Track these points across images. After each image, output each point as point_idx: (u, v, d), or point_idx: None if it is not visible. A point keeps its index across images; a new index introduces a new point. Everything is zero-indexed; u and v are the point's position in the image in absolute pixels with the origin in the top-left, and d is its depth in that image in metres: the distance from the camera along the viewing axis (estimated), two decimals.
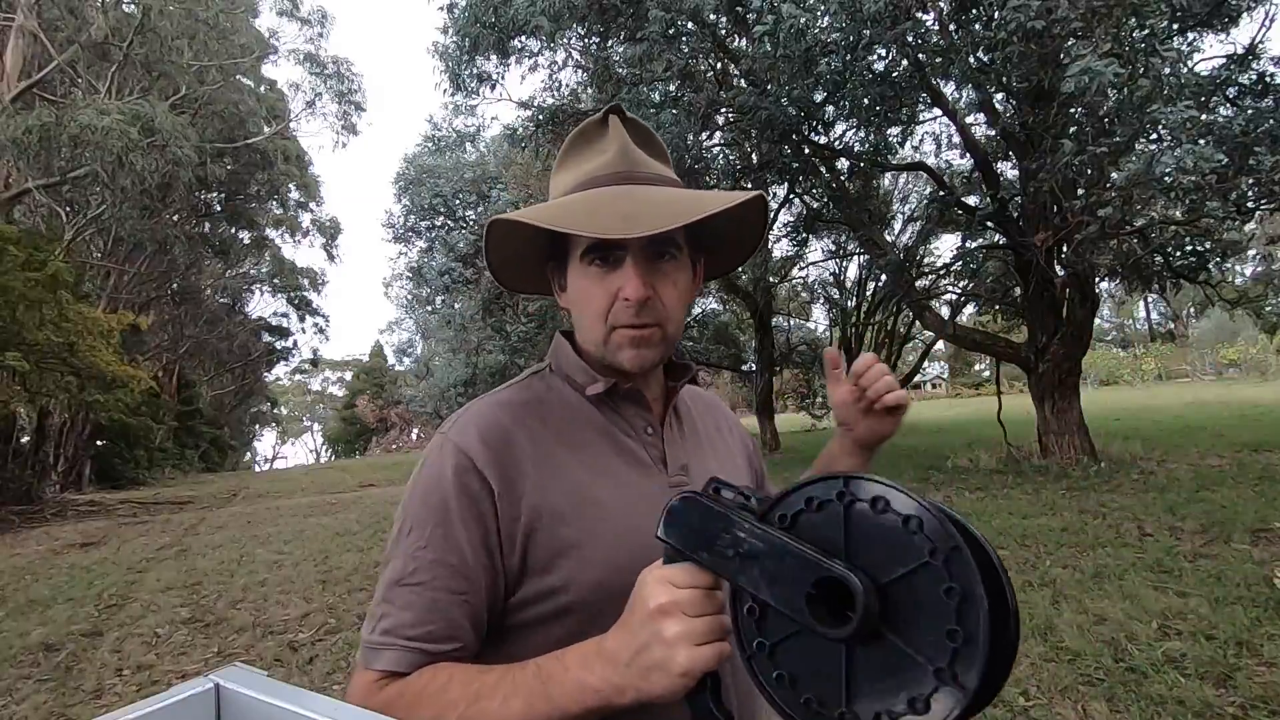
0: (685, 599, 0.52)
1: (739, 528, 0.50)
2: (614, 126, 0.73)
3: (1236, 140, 5.13)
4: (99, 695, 3.31)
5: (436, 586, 0.64)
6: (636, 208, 0.64)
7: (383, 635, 0.64)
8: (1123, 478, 6.67)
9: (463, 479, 0.66)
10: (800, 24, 5.97)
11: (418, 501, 0.67)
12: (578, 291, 0.72)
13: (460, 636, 0.65)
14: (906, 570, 0.43)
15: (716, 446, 0.85)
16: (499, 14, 8.39)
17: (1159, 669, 2.56)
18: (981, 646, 0.39)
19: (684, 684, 0.51)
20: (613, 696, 0.55)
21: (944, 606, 0.41)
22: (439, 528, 0.65)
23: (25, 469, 14.10)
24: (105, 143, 11.51)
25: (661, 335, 0.71)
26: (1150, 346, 40.95)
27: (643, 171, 0.71)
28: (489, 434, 0.68)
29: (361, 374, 51.40)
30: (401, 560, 0.66)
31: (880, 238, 9.69)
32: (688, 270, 0.74)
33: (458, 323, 17.20)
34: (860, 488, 0.46)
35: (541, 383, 0.77)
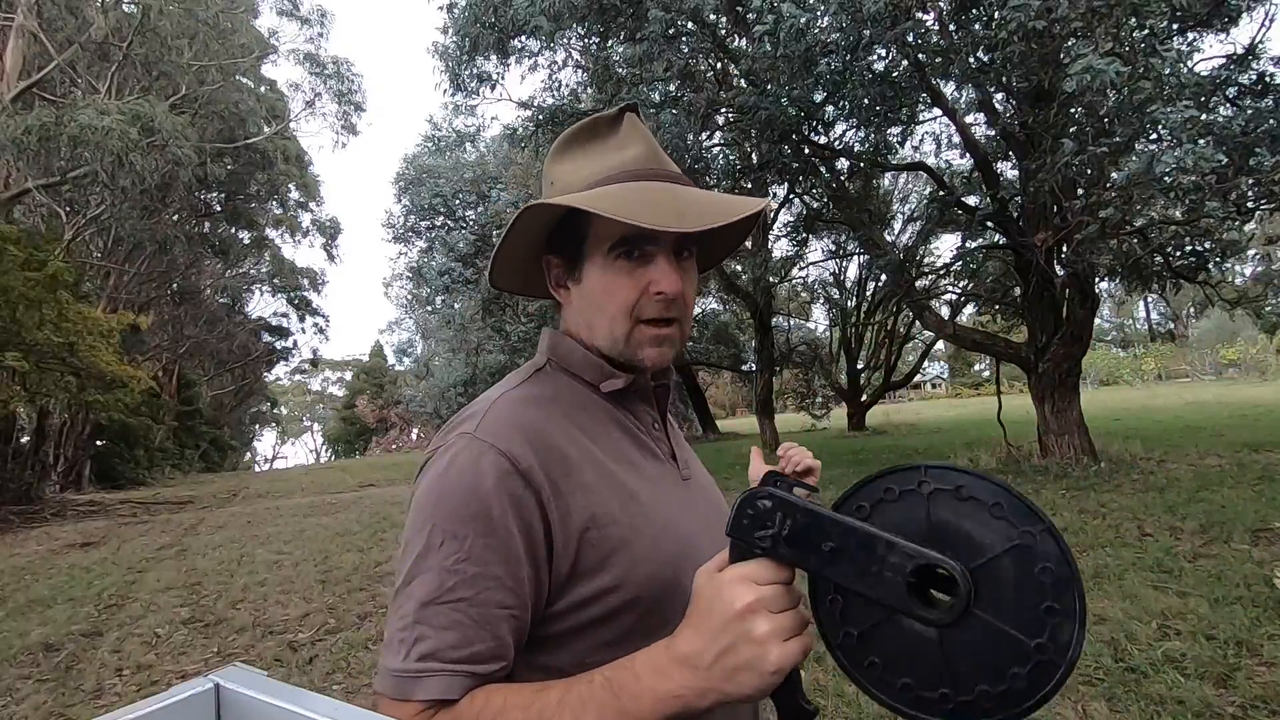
0: (769, 595, 0.51)
1: (824, 522, 0.50)
2: (634, 124, 0.74)
3: (1236, 140, 5.13)
4: (99, 695, 3.31)
5: (482, 602, 0.59)
6: (683, 205, 0.65)
7: (421, 660, 0.57)
8: (1123, 478, 6.67)
9: (507, 484, 0.61)
10: (800, 24, 5.97)
11: (449, 511, 0.61)
12: (599, 285, 0.70)
13: (507, 655, 0.60)
14: (1000, 552, 0.45)
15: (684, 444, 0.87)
16: (499, 14, 8.40)
17: (1159, 669, 2.56)
18: (1079, 619, 0.42)
19: (775, 681, 0.51)
20: (693, 701, 0.53)
21: (1039, 585, 0.43)
22: (481, 538, 0.59)
23: (25, 469, 14.09)
24: (105, 143, 11.51)
25: (680, 334, 0.72)
26: (1150, 346, 40.96)
27: (670, 169, 0.72)
28: (530, 434, 0.64)
29: (361, 374, 51.40)
30: (436, 576, 0.59)
31: (880, 238, 9.69)
32: (697, 270, 0.75)
33: (458, 323, 17.21)
34: (941, 476, 0.48)
35: (549, 381, 0.74)
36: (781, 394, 22.26)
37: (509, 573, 0.60)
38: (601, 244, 0.69)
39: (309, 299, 30.60)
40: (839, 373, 19.45)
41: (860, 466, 9.62)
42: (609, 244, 0.68)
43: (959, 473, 0.47)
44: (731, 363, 18.92)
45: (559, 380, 0.74)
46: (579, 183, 0.71)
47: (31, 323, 9.95)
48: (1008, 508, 0.45)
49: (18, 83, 13.09)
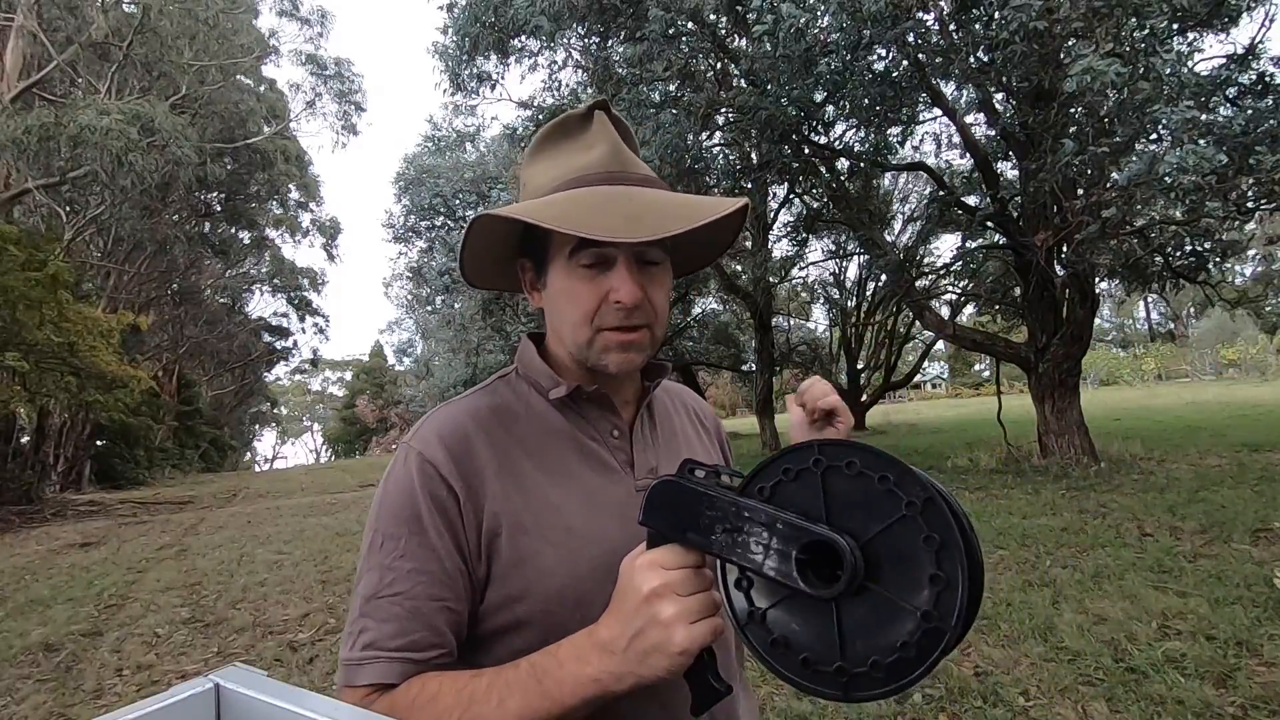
0: (676, 579, 0.53)
1: (722, 504, 0.51)
2: (601, 123, 0.71)
3: (1236, 140, 5.13)
4: (99, 695, 3.31)
5: (417, 595, 0.63)
6: (638, 210, 0.63)
7: (364, 650, 0.62)
8: (1123, 478, 6.67)
9: (430, 487, 0.65)
10: (800, 24, 5.96)
11: (388, 514, 0.66)
12: (562, 292, 0.70)
13: (444, 643, 0.64)
14: (886, 525, 0.46)
15: (692, 443, 0.84)
16: (499, 14, 8.40)
17: (1159, 669, 2.56)
18: (961, 587, 0.42)
19: (683, 662, 0.52)
20: (611, 684, 0.55)
21: (924, 554, 0.44)
22: (414, 537, 0.64)
23: (25, 469, 14.09)
24: (105, 143, 11.51)
25: (650, 338, 0.70)
26: (1150, 346, 40.98)
27: (635, 173, 0.69)
28: (451, 441, 0.68)
29: (361, 374, 51.41)
30: (377, 573, 0.64)
31: (880, 238, 9.68)
32: (670, 272, 0.74)
33: (458, 323, 17.20)
34: (833, 452, 0.49)
35: (506, 387, 0.76)
36: (781, 394, 22.25)
37: (441, 568, 0.64)
38: (562, 250, 0.68)
39: (309, 299, 30.63)
40: (839, 373, 19.45)
41: None
42: (568, 251, 0.67)
43: (849, 448, 0.48)
44: (731, 363, 18.91)
45: (517, 388, 0.75)
46: (543, 186, 0.70)
47: (32, 323, 9.95)
48: (896, 480, 0.45)
49: (18, 83, 13.09)
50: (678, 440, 0.82)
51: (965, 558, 0.42)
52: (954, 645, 0.43)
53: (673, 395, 0.90)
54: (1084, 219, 6.22)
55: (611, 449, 0.74)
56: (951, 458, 9.00)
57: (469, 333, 16.84)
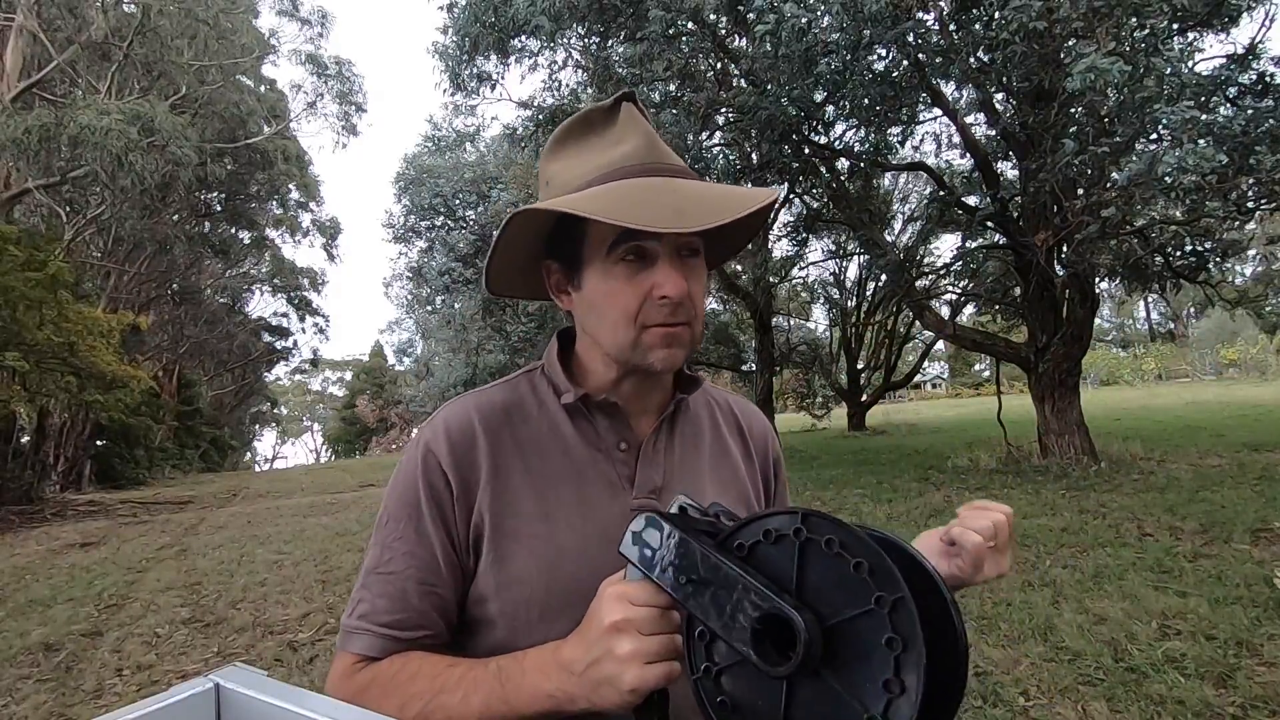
0: (640, 617, 0.52)
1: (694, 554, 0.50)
2: (631, 115, 0.69)
3: (1237, 140, 5.13)
4: (99, 695, 3.31)
5: (407, 577, 0.66)
6: (682, 201, 0.61)
7: (359, 620, 0.67)
8: (1123, 478, 6.67)
9: (430, 477, 0.68)
10: (801, 24, 5.96)
11: (395, 494, 0.70)
12: (601, 292, 0.67)
13: (429, 626, 0.67)
14: (852, 614, 0.43)
15: (720, 466, 0.79)
16: (499, 14, 8.39)
17: (1159, 669, 2.56)
18: (915, 700, 0.40)
19: (632, 700, 0.52)
20: (565, 704, 0.56)
21: (884, 655, 0.41)
22: (410, 521, 0.68)
23: (25, 469, 14.09)
24: (105, 143, 11.51)
25: (690, 335, 0.68)
26: (1150, 346, 40.98)
27: (671, 164, 0.67)
28: (457, 435, 0.69)
29: (361, 374, 51.39)
30: (379, 549, 0.69)
31: (880, 238, 9.69)
32: (705, 268, 0.72)
33: (458, 323, 17.20)
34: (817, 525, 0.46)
35: (527, 384, 0.76)
36: (781, 394, 22.26)
37: (431, 555, 0.67)
38: (599, 247, 0.66)
39: (309, 299, 30.62)
40: (839, 373, 19.46)
41: (860, 467, 9.62)
42: (607, 247, 0.65)
43: (833, 524, 0.46)
44: (731, 363, 18.91)
45: (538, 386, 0.75)
46: (574, 181, 0.68)
47: (32, 323, 9.95)
48: (871, 568, 0.43)
49: (18, 83, 13.09)
50: (700, 459, 0.78)
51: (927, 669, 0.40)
52: None
53: (719, 406, 0.85)
54: (1084, 219, 6.22)
55: (615, 463, 0.72)
56: (951, 458, 8.99)
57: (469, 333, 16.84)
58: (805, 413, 21.78)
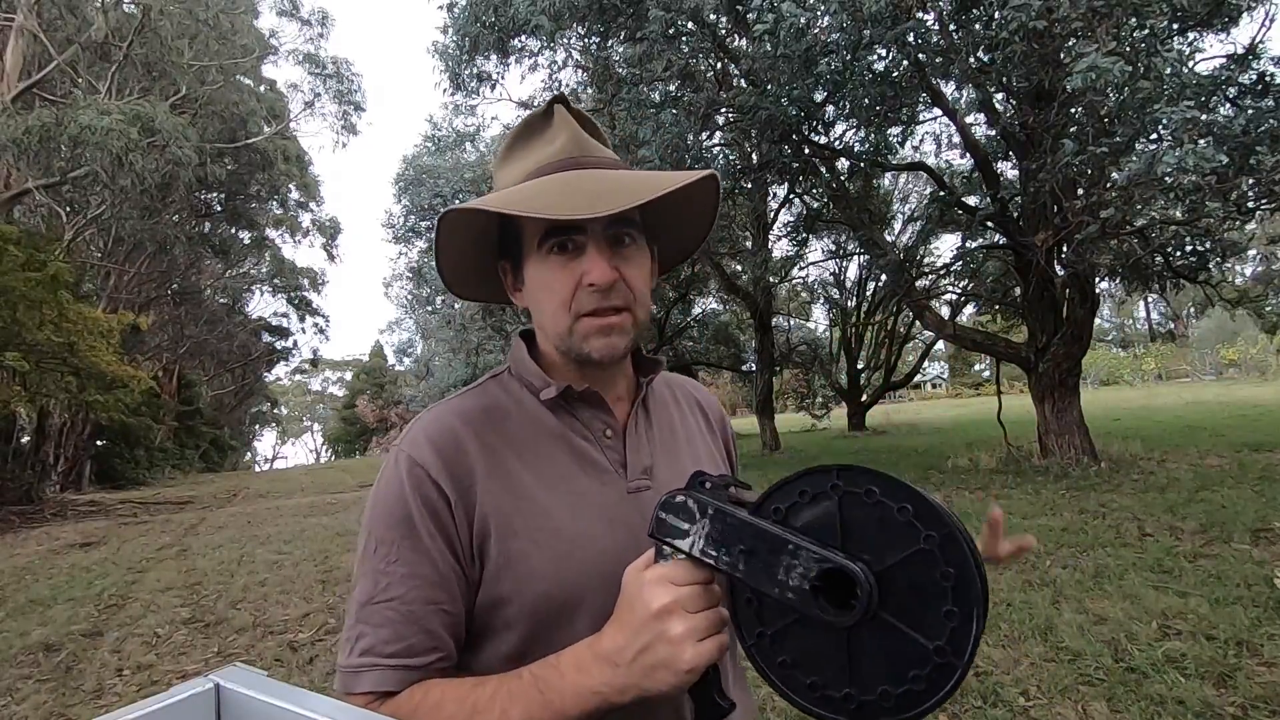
0: (686, 596, 0.52)
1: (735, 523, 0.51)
2: (560, 116, 0.71)
3: (1237, 140, 5.13)
4: (99, 695, 3.31)
5: (411, 599, 0.63)
6: (599, 188, 0.62)
7: (361, 656, 0.62)
8: (1123, 478, 6.66)
9: (421, 490, 0.65)
10: (800, 24, 5.96)
11: (380, 518, 0.66)
12: (537, 283, 0.69)
13: (441, 646, 0.64)
14: (903, 556, 0.45)
15: (694, 442, 0.82)
16: (499, 14, 8.40)
17: (1159, 669, 2.56)
18: (976, 624, 0.42)
19: (690, 679, 0.52)
20: (613, 697, 0.55)
21: (940, 589, 0.44)
22: (406, 540, 0.64)
23: (25, 469, 14.09)
24: (105, 143, 11.51)
25: (631, 320, 0.68)
26: (1150, 346, 40.95)
27: (595, 156, 0.69)
28: (441, 442, 0.67)
29: (361, 374, 51.39)
30: (371, 579, 0.64)
31: (880, 238, 9.68)
32: (648, 255, 0.72)
33: (458, 323, 17.20)
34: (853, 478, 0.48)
35: (498, 387, 0.75)
36: (781, 394, 22.27)
37: (435, 571, 0.64)
38: (532, 242, 0.68)
39: (309, 299, 30.61)
40: (839, 373, 19.45)
41: None
42: (538, 241, 0.67)
43: (869, 475, 0.48)
44: (731, 363, 18.91)
45: (509, 387, 0.75)
46: (508, 184, 0.70)
47: (32, 323, 9.95)
48: (915, 511, 0.45)
49: (18, 83, 13.09)
50: (677, 438, 0.80)
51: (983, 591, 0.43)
52: (963, 680, 0.44)
53: (675, 387, 0.87)
54: (1084, 219, 6.22)
55: (604, 449, 0.72)
56: (951, 458, 8.99)
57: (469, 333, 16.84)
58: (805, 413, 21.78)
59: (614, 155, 0.73)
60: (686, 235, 0.80)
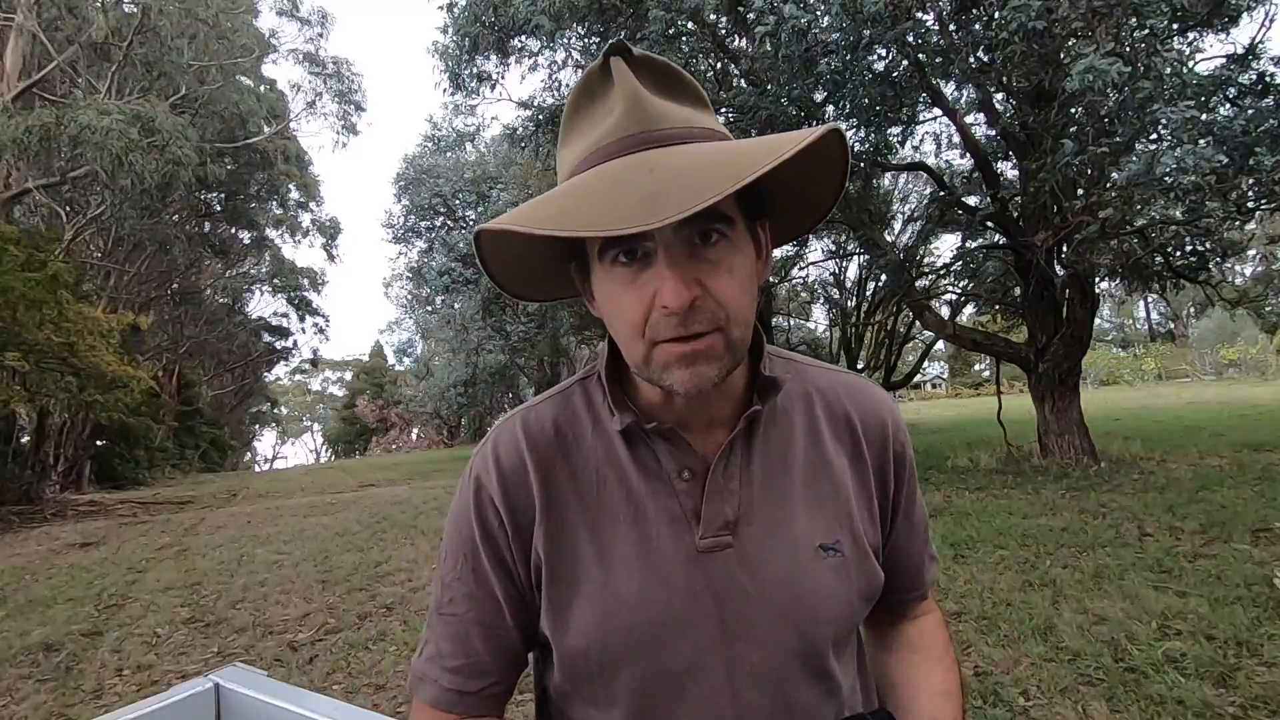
0: None
1: None
2: (621, 74, 0.54)
3: (1237, 140, 5.13)
4: (99, 695, 3.31)
5: (468, 619, 0.64)
6: (659, 184, 0.46)
7: (426, 661, 0.65)
8: (1123, 478, 6.66)
9: (483, 514, 0.64)
10: (801, 24, 5.97)
11: (452, 528, 0.66)
12: (605, 299, 0.57)
13: (493, 673, 0.64)
14: None
15: (817, 485, 0.64)
16: (499, 13, 8.40)
17: (1159, 669, 2.56)
18: None
19: None
20: None
21: None
22: (468, 560, 0.64)
23: (25, 469, 14.09)
24: (105, 143, 11.51)
25: (725, 343, 0.53)
26: (1150, 346, 40.93)
27: (662, 128, 0.52)
28: (507, 466, 0.63)
29: (361, 374, 51.35)
30: (439, 587, 0.66)
31: (880, 238, 9.68)
32: (748, 245, 0.56)
33: (458, 323, 17.21)
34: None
35: (582, 395, 0.67)
36: None
37: (490, 595, 0.63)
38: (594, 251, 0.56)
39: (309, 299, 30.59)
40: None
41: None
42: (598, 251, 0.55)
43: None
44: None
45: (593, 397, 0.66)
46: (565, 172, 0.57)
47: (32, 323, 9.95)
48: None
49: (18, 83, 13.09)
50: (789, 478, 0.64)
51: None
52: None
53: (826, 396, 0.68)
54: (1084, 219, 6.22)
55: (678, 494, 0.61)
56: (951, 458, 8.99)
57: (469, 333, 16.85)
58: None
59: (696, 113, 0.56)
60: (811, 202, 0.62)
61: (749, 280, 0.56)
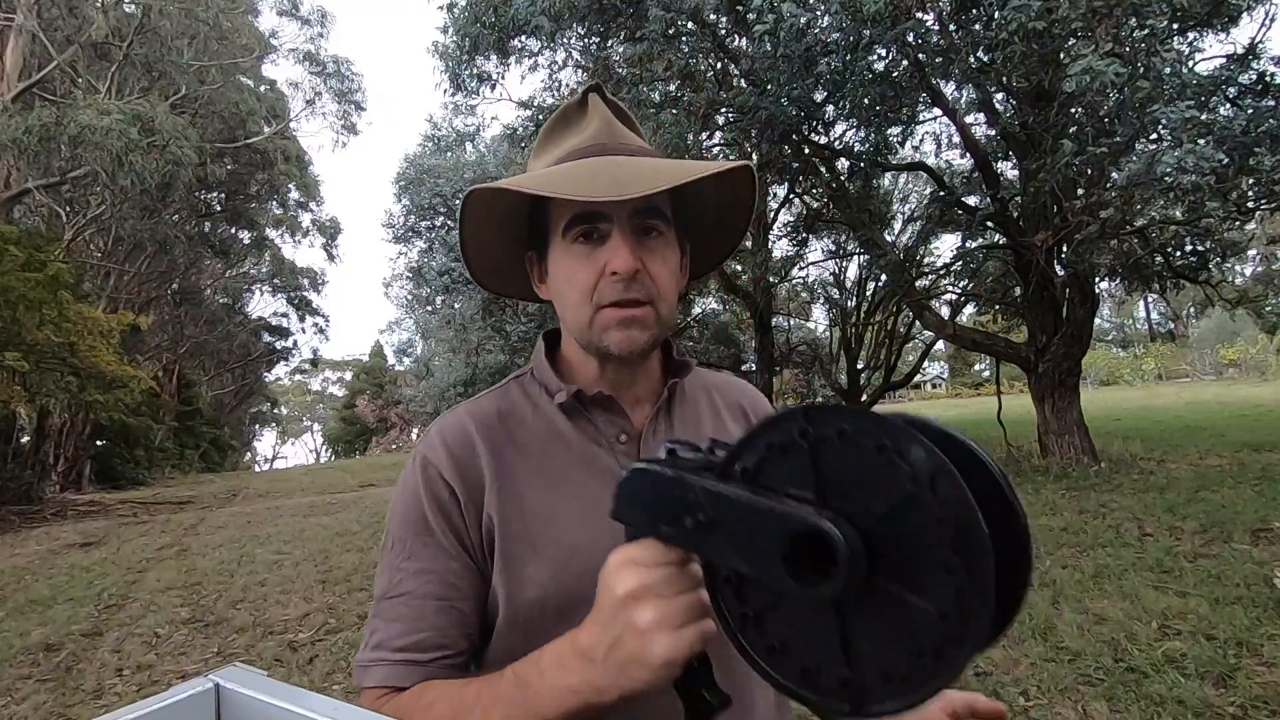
0: (656, 579, 0.46)
1: (695, 491, 0.43)
2: (595, 104, 0.71)
3: (1236, 140, 5.13)
4: (99, 695, 3.31)
5: (421, 594, 0.64)
6: (625, 174, 0.61)
7: (373, 651, 0.64)
8: (1123, 478, 6.67)
9: (433, 489, 0.66)
10: (801, 24, 5.97)
11: (398, 517, 0.68)
12: (560, 273, 0.68)
13: (450, 644, 0.64)
14: (890, 506, 0.36)
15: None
16: (499, 14, 8.39)
17: (1159, 669, 2.56)
18: (987, 579, 0.33)
19: (666, 674, 0.46)
20: (593, 697, 0.50)
21: (937, 536, 0.35)
22: (419, 538, 0.66)
23: (25, 469, 14.09)
24: (105, 143, 11.51)
25: (654, 316, 0.66)
26: (1150, 346, 40.96)
27: (624, 144, 0.69)
28: (454, 444, 0.68)
29: (361, 374, 51.37)
30: (387, 575, 0.66)
31: (880, 238, 9.68)
32: (676, 249, 0.71)
33: (458, 323, 17.20)
34: (822, 419, 0.39)
35: (519, 389, 0.75)
36: (781, 394, 22.25)
37: (445, 568, 0.65)
38: (558, 229, 0.67)
39: (309, 299, 30.61)
40: (839, 373, 19.44)
41: None
42: (563, 228, 0.66)
43: (842, 413, 0.39)
44: (731, 363, 18.88)
45: (529, 389, 0.74)
46: (537, 169, 0.70)
47: (32, 323, 9.95)
48: (897, 449, 0.36)
49: (18, 83, 13.09)
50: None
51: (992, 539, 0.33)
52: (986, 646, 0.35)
53: (722, 392, 0.82)
54: (1084, 219, 6.22)
55: (617, 455, 0.70)
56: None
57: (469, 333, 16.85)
58: None
59: (643, 144, 0.72)
60: (723, 234, 0.78)
61: (676, 274, 0.70)
